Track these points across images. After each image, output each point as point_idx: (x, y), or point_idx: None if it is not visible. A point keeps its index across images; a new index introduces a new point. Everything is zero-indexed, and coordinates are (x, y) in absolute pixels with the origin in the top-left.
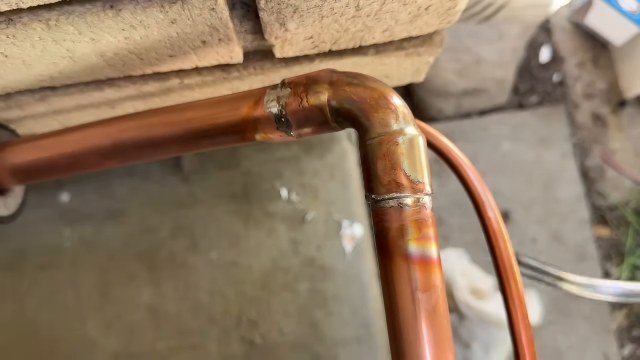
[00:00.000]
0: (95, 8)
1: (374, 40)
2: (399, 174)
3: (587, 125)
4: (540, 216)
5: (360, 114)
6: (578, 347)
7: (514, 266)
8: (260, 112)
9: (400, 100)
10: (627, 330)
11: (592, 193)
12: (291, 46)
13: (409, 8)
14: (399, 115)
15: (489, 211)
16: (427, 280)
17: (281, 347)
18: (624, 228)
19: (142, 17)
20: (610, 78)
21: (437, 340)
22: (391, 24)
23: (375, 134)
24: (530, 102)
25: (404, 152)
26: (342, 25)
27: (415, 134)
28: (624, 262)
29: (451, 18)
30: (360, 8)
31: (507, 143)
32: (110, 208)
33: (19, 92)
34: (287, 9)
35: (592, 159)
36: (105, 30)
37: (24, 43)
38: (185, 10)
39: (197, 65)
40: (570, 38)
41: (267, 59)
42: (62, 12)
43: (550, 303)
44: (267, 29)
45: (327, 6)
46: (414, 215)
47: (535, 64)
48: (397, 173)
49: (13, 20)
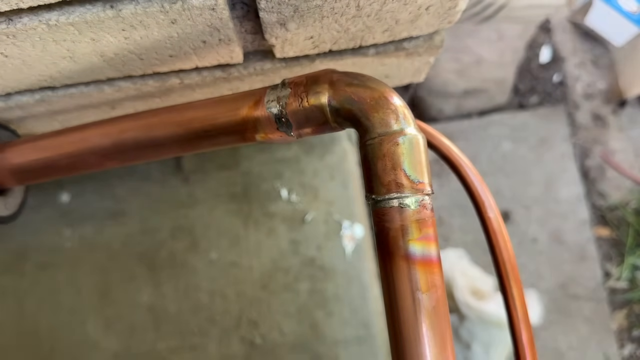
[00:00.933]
0: (95, 8)
1: (374, 40)
2: (399, 174)
3: (587, 125)
4: (540, 216)
5: (360, 113)
6: (578, 347)
7: (515, 266)
8: (260, 112)
9: (400, 100)
10: (627, 331)
11: (592, 193)
12: (291, 46)
13: (409, 8)
14: (399, 115)
15: (489, 211)
16: (428, 280)
17: (281, 347)
18: (623, 228)
19: (142, 17)
20: (610, 78)
21: (438, 340)
22: (391, 24)
23: (375, 134)
24: (530, 102)
25: (404, 152)
26: (342, 25)
27: (415, 134)
28: (624, 262)
29: (451, 18)
30: (360, 8)
31: (507, 143)
32: (110, 208)
33: (18, 92)
34: (287, 9)
35: (592, 159)
36: (105, 30)
37: (23, 43)
38: (185, 10)
39: (197, 65)
40: (570, 38)
41: (267, 58)
42: (62, 12)
43: (550, 303)
44: (267, 28)
45: (328, 6)
46: (414, 215)
47: (535, 64)
48: (398, 173)
49: (13, 20)
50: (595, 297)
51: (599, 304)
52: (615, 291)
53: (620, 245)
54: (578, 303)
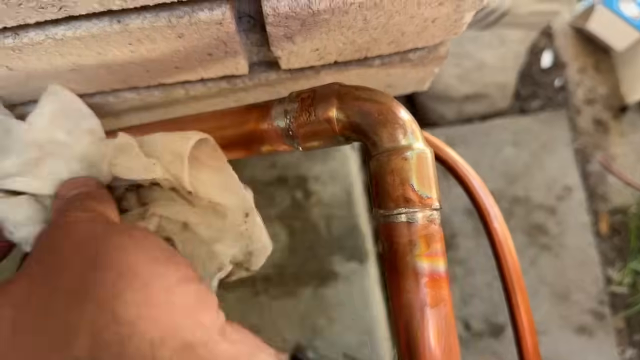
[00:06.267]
0: (101, 22)
1: (380, 51)
2: (407, 189)
3: (589, 130)
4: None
5: (368, 128)
6: (579, 352)
7: (520, 276)
8: (267, 125)
9: (408, 114)
10: (627, 335)
11: (594, 197)
12: (297, 57)
13: (416, 21)
14: (407, 130)
15: (494, 222)
16: (436, 295)
17: None
18: (625, 233)
19: (149, 31)
20: (611, 83)
21: (446, 356)
22: (397, 36)
23: (383, 149)
24: (532, 107)
25: (412, 167)
26: (349, 37)
27: (423, 149)
28: (625, 267)
29: (457, 30)
30: (367, 21)
31: (508, 148)
32: None
33: (22, 104)
34: (294, 23)
35: (593, 164)
36: (111, 44)
37: (29, 57)
38: (193, 25)
39: (202, 76)
40: (572, 43)
41: (272, 69)
42: (69, 27)
43: (552, 308)
44: (273, 41)
45: (335, 19)
46: (422, 230)
47: (536, 69)
48: (406, 188)
49: (19, 34)
50: (597, 301)
51: (600, 309)
52: (616, 296)
53: (621, 250)
54: (579, 308)
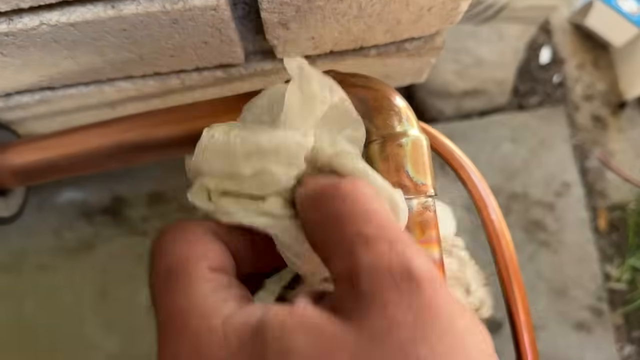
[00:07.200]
0: (96, 8)
1: (375, 41)
2: (402, 176)
3: (587, 126)
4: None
5: (363, 115)
6: (577, 348)
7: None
8: None
9: (403, 101)
10: (626, 331)
11: (592, 194)
12: (292, 46)
13: (411, 9)
14: (402, 116)
15: (492, 214)
16: None
17: None
18: (624, 229)
19: (143, 17)
20: (610, 79)
21: None
22: (393, 25)
23: (378, 136)
24: (530, 103)
25: (407, 154)
26: (344, 25)
27: (418, 136)
28: (624, 264)
29: (453, 19)
30: (362, 9)
31: (507, 144)
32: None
33: (18, 93)
34: (289, 9)
35: (592, 160)
36: (106, 30)
37: (24, 43)
38: (187, 11)
39: (197, 65)
40: (570, 39)
41: (268, 59)
42: (63, 12)
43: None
44: (268, 29)
45: (330, 6)
46: (417, 217)
47: (535, 65)
48: (401, 175)
49: (13, 20)
50: (595, 298)
51: (599, 305)
52: (615, 292)
53: (620, 246)
54: (577, 304)
